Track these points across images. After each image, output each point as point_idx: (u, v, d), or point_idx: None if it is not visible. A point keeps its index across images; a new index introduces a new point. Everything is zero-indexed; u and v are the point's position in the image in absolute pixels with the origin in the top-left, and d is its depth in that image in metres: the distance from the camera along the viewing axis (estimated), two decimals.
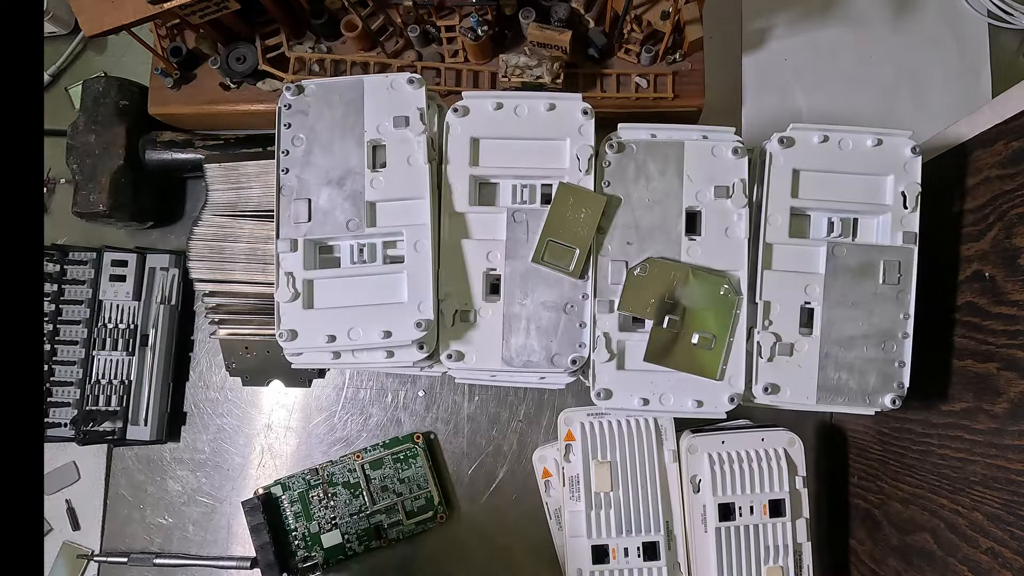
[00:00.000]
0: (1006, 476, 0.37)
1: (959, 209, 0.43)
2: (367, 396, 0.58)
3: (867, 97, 0.60)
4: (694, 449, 0.49)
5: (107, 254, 0.56)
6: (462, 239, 0.42)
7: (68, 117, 0.57)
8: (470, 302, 0.42)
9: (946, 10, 0.61)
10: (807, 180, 0.42)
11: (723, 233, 0.42)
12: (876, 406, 0.41)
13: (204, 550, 0.57)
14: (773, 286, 0.41)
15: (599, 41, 0.51)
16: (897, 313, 0.41)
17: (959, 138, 0.44)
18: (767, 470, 0.49)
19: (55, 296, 0.55)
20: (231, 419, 0.58)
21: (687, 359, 0.41)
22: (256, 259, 0.52)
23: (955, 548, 0.41)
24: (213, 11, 0.47)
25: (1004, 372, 0.37)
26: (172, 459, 0.58)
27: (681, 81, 0.52)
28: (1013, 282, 0.37)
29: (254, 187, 0.52)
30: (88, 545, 0.57)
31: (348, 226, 0.41)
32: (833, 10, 0.61)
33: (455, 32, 0.50)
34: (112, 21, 0.45)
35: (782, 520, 0.49)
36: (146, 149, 0.55)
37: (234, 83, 0.53)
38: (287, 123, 0.42)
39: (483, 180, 0.43)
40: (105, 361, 0.55)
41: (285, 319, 0.41)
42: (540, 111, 0.42)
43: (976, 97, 0.59)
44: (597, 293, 0.42)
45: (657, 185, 0.42)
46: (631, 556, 0.48)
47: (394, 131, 0.42)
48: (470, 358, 0.42)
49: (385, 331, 0.40)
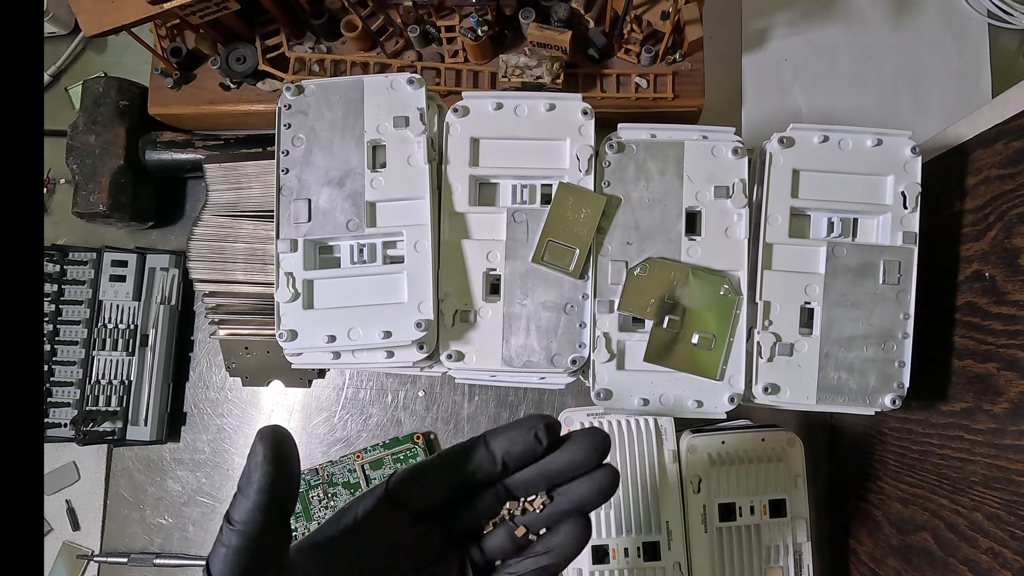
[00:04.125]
0: (1006, 476, 0.37)
1: (959, 209, 0.43)
2: (367, 396, 0.58)
3: (867, 97, 0.60)
4: (694, 449, 0.49)
5: (107, 254, 0.56)
6: (462, 239, 0.42)
7: (68, 117, 0.57)
8: (470, 302, 0.42)
9: (946, 10, 0.61)
10: (807, 180, 0.42)
11: (723, 233, 0.42)
12: (876, 406, 0.41)
13: (204, 550, 0.57)
14: (773, 286, 0.41)
15: (599, 41, 0.51)
16: (897, 313, 0.41)
17: (959, 138, 0.44)
18: (767, 470, 0.49)
19: (55, 296, 0.55)
20: (231, 419, 0.58)
21: (687, 359, 0.41)
22: (256, 259, 0.52)
23: (955, 548, 0.41)
24: (213, 11, 0.47)
25: (1004, 372, 0.37)
26: (172, 459, 0.58)
27: (681, 81, 0.52)
28: (1013, 282, 0.37)
29: (254, 187, 0.52)
30: (88, 545, 0.57)
31: (348, 226, 0.41)
32: (833, 10, 0.61)
33: (455, 32, 0.50)
34: (112, 21, 0.45)
35: (782, 520, 0.49)
36: (146, 149, 0.55)
37: (234, 83, 0.53)
38: (287, 123, 0.42)
39: (483, 180, 0.43)
40: (105, 361, 0.55)
41: (285, 319, 0.41)
42: (540, 111, 0.42)
43: (976, 97, 0.59)
44: (597, 293, 0.42)
45: (657, 185, 0.42)
46: (631, 556, 0.48)
47: (394, 131, 0.42)
48: (470, 358, 0.42)
49: (385, 331, 0.40)
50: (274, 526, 0.27)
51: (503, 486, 0.32)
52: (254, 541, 0.27)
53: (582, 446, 0.31)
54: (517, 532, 0.32)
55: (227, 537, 0.27)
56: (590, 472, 0.31)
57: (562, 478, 0.31)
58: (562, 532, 0.31)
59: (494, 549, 0.32)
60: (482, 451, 0.31)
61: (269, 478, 0.27)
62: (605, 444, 0.31)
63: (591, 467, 0.31)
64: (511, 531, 0.32)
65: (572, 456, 0.31)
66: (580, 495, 0.31)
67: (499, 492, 0.32)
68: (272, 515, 0.27)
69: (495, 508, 0.32)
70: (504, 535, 0.32)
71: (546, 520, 0.31)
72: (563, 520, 0.31)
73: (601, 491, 0.31)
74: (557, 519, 0.31)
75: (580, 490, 0.31)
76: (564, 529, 0.31)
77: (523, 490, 0.31)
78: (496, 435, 0.31)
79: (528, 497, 0.32)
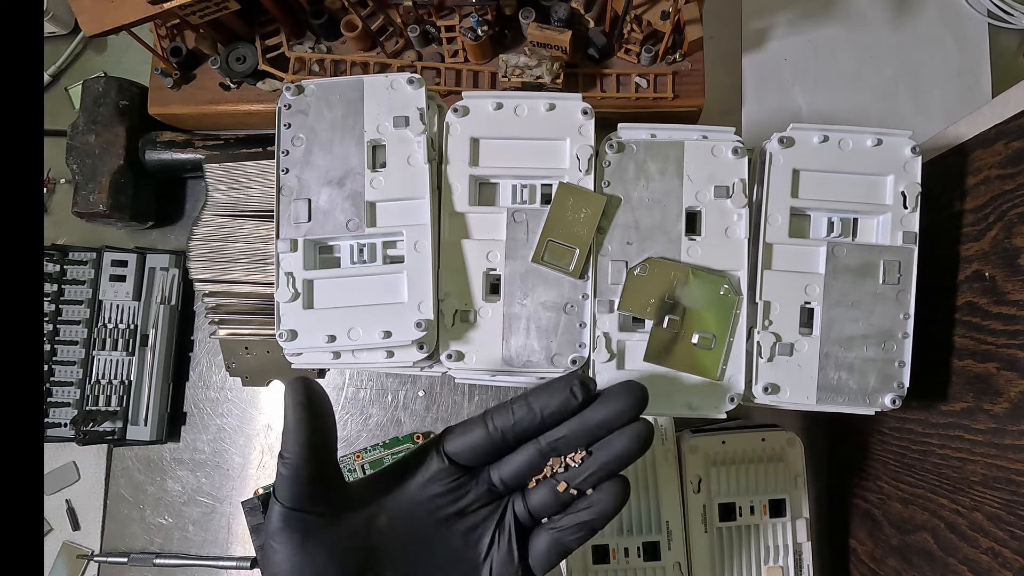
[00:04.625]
0: (1006, 476, 0.37)
1: (959, 209, 0.43)
2: (367, 396, 0.58)
3: (867, 97, 0.60)
4: (694, 449, 0.49)
5: (107, 254, 0.56)
6: (462, 239, 0.42)
7: (68, 117, 0.57)
8: (470, 302, 0.42)
9: (946, 10, 0.61)
10: (807, 180, 0.42)
11: (723, 233, 0.42)
12: (876, 406, 0.41)
13: (204, 550, 0.57)
14: (773, 286, 0.41)
15: (599, 41, 0.51)
16: (897, 313, 0.41)
17: (959, 138, 0.44)
18: (767, 470, 0.49)
19: (55, 296, 0.55)
20: (231, 419, 0.58)
21: (687, 359, 0.41)
22: (256, 259, 0.52)
23: (955, 548, 0.41)
24: (213, 11, 0.47)
25: (1004, 372, 0.37)
26: (172, 459, 0.58)
27: (681, 81, 0.52)
28: (1013, 282, 0.37)
29: (254, 187, 0.52)
30: (88, 545, 0.57)
31: (348, 226, 0.41)
32: (833, 10, 0.61)
33: (455, 32, 0.50)
34: (112, 21, 0.45)
35: (782, 520, 0.49)
36: (146, 149, 0.55)
37: (234, 83, 0.53)
38: (287, 123, 0.42)
39: (483, 180, 0.43)
40: (105, 361, 0.55)
41: (285, 319, 0.41)
42: (540, 111, 0.42)
43: (976, 97, 0.59)
44: (597, 293, 0.42)
45: (657, 185, 0.42)
46: (631, 556, 0.48)
47: (394, 131, 0.42)
48: (470, 358, 0.42)
49: (385, 331, 0.40)
50: (316, 455, 0.32)
51: (546, 443, 0.34)
52: (301, 469, 0.32)
53: (621, 398, 0.34)
54: (559, 488, 0.34)
55: (280, 468, 0.32)
56: (626, 425, 0.33)
57: (602, 430, 0.34)
58: (603, 490, 0.34)
59: (537, 505, 0.34)
60: (523, 406, 0.34)
61: (299, 418, 0.32)
62: (643, 395, 0.34)
63: (630, 419, 0.34)
64: (553, 487, 0.34)
65: (611, 408, 0.33)
66: (619, 448, 0.33)
67: (541, 448, 0.34)
68: (312, 446, 0.32)
69: (538, 464, 0.34)
70: (547, 491, 0.34)
71: (587, 479, 0.34)
72: (603, 479, 0.34)
73: (639, 441, 0.33)
74: (598, 477, 0.34)
75: (618, 442, 0.33)
76: (604, 487, 0.34)
77: (564, 445, 0.34)
78: (535, 392, 0.34)
79: (569, 454, 0.34)
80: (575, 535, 0.34)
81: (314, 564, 0.31)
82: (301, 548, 0.31)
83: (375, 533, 0.33)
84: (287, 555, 0.31)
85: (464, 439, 0.34)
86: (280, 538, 0.32)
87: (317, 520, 0.32)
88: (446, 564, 0.34)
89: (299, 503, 0.32)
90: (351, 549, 0.32)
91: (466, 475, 0.35)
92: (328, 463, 0.33)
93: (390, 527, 0.33)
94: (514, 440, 0.34)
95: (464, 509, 0.34)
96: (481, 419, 0.35)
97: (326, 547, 0.32)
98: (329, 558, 0.32)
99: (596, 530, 0.34)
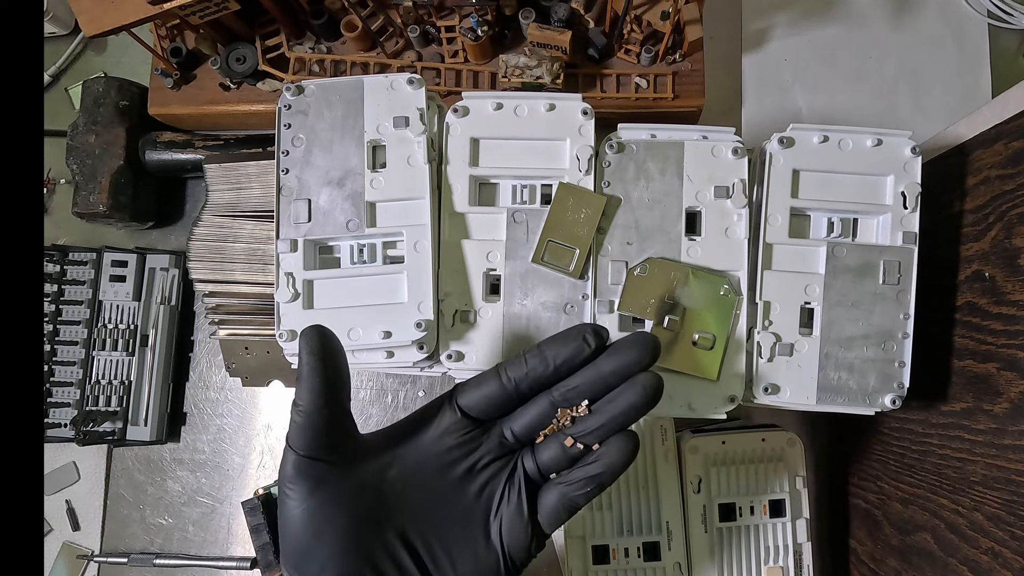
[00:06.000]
0: (1006, 476, 0.37)
1: (959, 209, 0.43)
2: (367, 396, 0.58)
3: (867, 97, 0.60)
4: (694, 449, 0.49)
5: (107, 254, 0.56)
6: (462, 239, 0.42)
7: (68, 117, 0.57)
8: (470, 302, 0.42)
9: (946, 10, 0.61)
10: (807, 180, 0.42)
11: (723, 233, 0.42)
12: (876, 406, 0.41)
13: (204, 550, 0.57)
14: (773, 286, 0.41)
15: (599, 41, 0.51)
16: (897, 313, 0.41)
17: (959, 138, 0.44)
18: (767, 470, 0.49)
19: (55, 296, 0.55)
20: (231, 419, 0.58)
21: (687, 359, 0.41)
22: (256, 259, 0.52)
23: (955, 548, 0.41)
24: (213, 11, 0.47)
25: (1004, 372, 0.37)
26: (172, 459, 0.58)
27: (681, 81, 0.52)
28: (1013, 282, 0.37)
29: (254, 187, 0.52)
30: (88, 545, 0.57)
31: (348, 226, 0.41)
32: (833, 10, 0.61)
33: (455, 32, 0.50)
34: (112, 21, 0.45)
35: (782, 520, 0.49)
36: (146, 149, 0.55)
37: (234, 83, 0.53)
38: (287, 123, 0.42)
39: (483, 180, 0.43)
40: (105, 361, 0.55)
41: (285, 319, 0.41)
42: (540, 111, 0.42)
43: (976, 97, 0.59)
44: (597, 293, 0.42)
45: (657, 185, 0.42)
46: (631, 556, 0.48)
47: (394, 131, 0.42)
48: (470, 358, 0.42)
49: (385, 331, 0.40)
50: (329, 404, 0.32)
51: (558, 394, 0.34)
52: (314, 417, 0.32)
53: (634, 347, 0.33)
54: (566, 442, 0.34)
55: (294, 416, 0.32)
56: (635, 377, 0.33)
57: (615, 378, 0.34)
58: (611, 443, 0.34)
59: (546, 459, 0.35)
60: (536, 356, 0.34)
61: (312, 366, 0.32)
62: (656, 345, 0.34)
63: (643, 368, 0.33)
64: (562, 441, 0.34)
65: (624, 357, 0.33)
66: (626, 401, 0.33)
67: (554, 398, 0.34)
68: (326, 395, 0.32)
69: (550, 415, 0.34)
70: (555, 445, 0.34)
71: (595, 432, 0.34)
72: (611, 432, 0.34)
73: (646, 393, 0.33)
74: (606, 431, 0.34)
75: (625, 396, 0.33)
76: (612, 441, 0.34)
77: (577, 396, 0.34)
78: (548, 341, 0.34)
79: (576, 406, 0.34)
80: (583, 489, 0.34)
81: (325, 511, 0.32)
82: (312, 495, 0.32)
83: (387, 483, 0.33)
84: (299, 501, 0.32)
85: (478, 391, 0.35)
86: (293, 485, 0.32)
87: (330, 468, 0.32)
88: (456, 517, 0.34)
89: (312, 451, 0.32)
90: (362, 498, 0.33)
91: (478, 428, 0.35)
92: (341, 412, 0.33)
93: (401, 478, 0.34)
94: (528, 391, 0.34)
95: (475, 463, 0.34)
96: (495, 371, 0.35)
97: (338, 495, 0.32)
98: (340, 506, 0.32)
99: (604, 485, 0.34)
